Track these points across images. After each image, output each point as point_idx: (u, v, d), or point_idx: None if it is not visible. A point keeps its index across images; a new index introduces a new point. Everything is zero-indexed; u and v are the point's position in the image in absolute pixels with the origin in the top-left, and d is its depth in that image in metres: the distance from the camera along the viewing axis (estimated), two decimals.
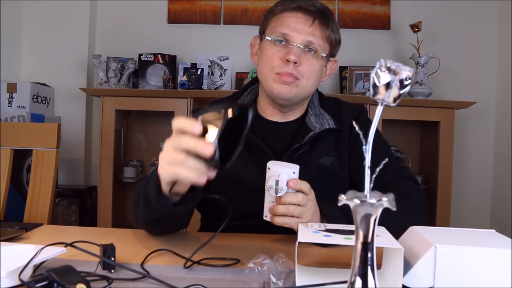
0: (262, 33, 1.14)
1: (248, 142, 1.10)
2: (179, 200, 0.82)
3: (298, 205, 0.88)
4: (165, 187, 0.79)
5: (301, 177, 1.07)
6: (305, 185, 0.90)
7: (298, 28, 1.06)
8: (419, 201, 1.04)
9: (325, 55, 1.09)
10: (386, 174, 1.07)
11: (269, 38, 1.08)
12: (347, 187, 1.13)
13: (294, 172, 0.90)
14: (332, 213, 0.93)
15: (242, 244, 0.93)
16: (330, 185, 1.10)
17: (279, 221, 0.88)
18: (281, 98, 1.08)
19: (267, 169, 0.91)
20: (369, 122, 1.21)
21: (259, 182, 0.95)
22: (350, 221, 0.84)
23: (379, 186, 0.48)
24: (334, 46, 1.13)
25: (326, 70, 1.16)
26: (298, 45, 1.05)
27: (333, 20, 1.10)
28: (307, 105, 1.17)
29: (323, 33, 1.07)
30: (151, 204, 0.82)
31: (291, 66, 1.05)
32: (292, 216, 0.88)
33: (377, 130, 0.48)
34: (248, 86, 1.21)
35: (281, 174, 0.89)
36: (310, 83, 1.09)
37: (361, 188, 0.47)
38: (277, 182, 0.88)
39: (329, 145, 1.12)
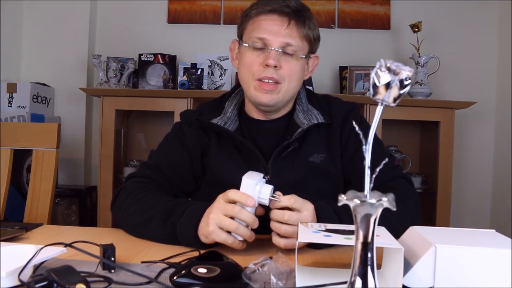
0: (240, 37, 1.12)
1: (237, 143, 1.10)
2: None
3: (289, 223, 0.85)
4: (204, 240, 0.87)
5: (292, 176, 1.07)
6: (287, 200, 0.86)
7: (275, 31, 1.04)
8: (413, 203, 1.03)
9: (304, 56, 1.08)
10: (380, 173, 1.06)
11: (247, 44, 1.07)
12: (341, 185, 1.12)
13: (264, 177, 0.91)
14: (326, 214, 0.90)
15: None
16: (323, 183, 1.09)
17: (286, 243, 0.85)
18: (264, 105, 1.09)
19: (246, 181, 0.86)
20: (362, 119, 1.20)
21: None
22: (342, 223, 0.84)
23: (373, 185, 0.48)
24: (313, 43, 1.11)
25: (308, 68, 1.14)
26: (276, 49, 1.04)
27: (310, 17, 1.08)
28: (294, 102, 1.15)
29: (301, 33, 1.05)
30: (180, 236, 0.90)
31: (271, 70, 1.04)
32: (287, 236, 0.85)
33: (368, 127, 0.48)
34: (236, 87, 1.20)
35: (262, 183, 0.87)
36: (292, 85, 1.08)
37: (354, 186, 0.47)
38: (273, 190, 0.86)
39: (319, 142, 1.10)
